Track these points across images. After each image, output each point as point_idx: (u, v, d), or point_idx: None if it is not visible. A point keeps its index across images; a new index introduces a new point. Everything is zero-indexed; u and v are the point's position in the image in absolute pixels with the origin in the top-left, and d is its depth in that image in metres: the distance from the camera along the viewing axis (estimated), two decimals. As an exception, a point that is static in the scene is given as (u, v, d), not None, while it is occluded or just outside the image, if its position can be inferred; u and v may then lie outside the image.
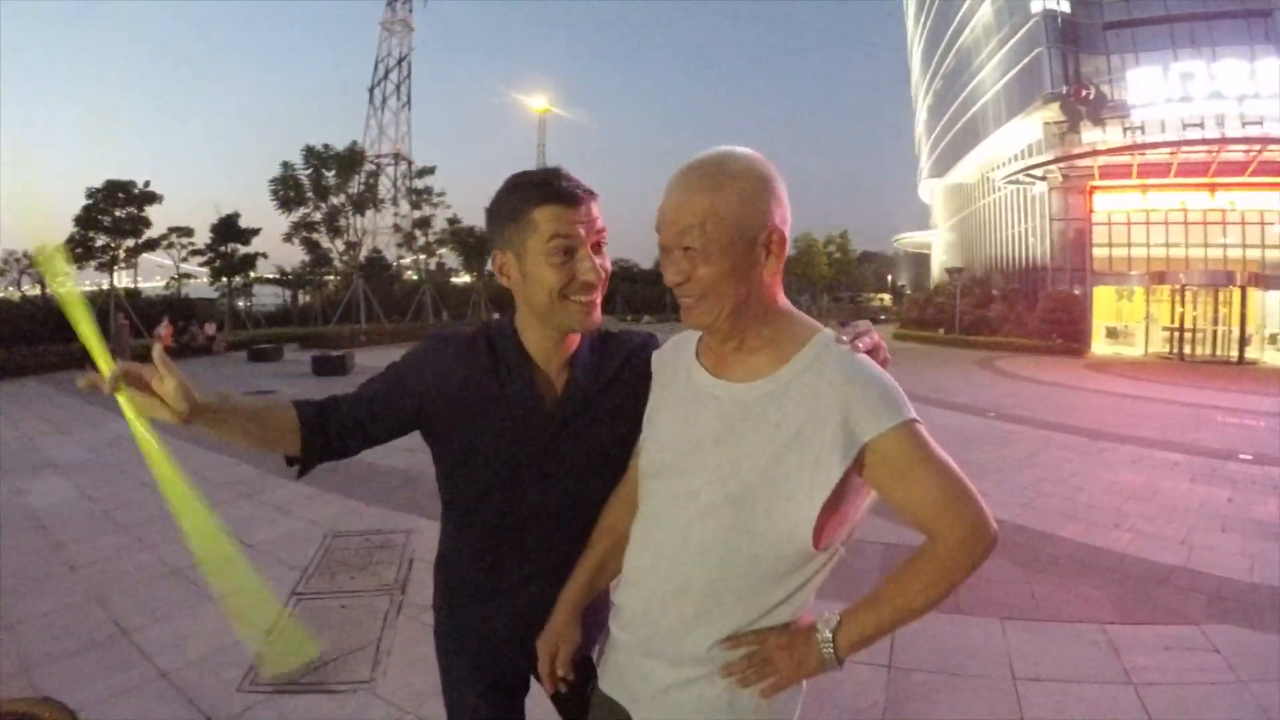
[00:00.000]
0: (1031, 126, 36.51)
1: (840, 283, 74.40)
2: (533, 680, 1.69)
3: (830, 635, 1.24)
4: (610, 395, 1.59)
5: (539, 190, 1.44)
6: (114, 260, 30.78)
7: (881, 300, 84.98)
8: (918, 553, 1.22)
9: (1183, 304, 28.82)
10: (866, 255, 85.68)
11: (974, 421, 11.53)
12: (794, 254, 69.12)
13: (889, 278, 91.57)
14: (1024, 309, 33.17)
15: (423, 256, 46.17)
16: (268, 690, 3.32)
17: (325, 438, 1.50)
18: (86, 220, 29.66)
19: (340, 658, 3.62)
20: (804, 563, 1.25)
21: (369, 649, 3.73)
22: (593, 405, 1.57)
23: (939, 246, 56.52)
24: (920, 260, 70.24)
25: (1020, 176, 35.09)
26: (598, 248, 1.49)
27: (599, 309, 1.51)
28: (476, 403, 1.54)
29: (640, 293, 61.60)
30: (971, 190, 46.34)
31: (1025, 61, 36.55)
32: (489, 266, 1.66)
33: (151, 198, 30.86)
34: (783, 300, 1.32)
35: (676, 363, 1.44)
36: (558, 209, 1.43)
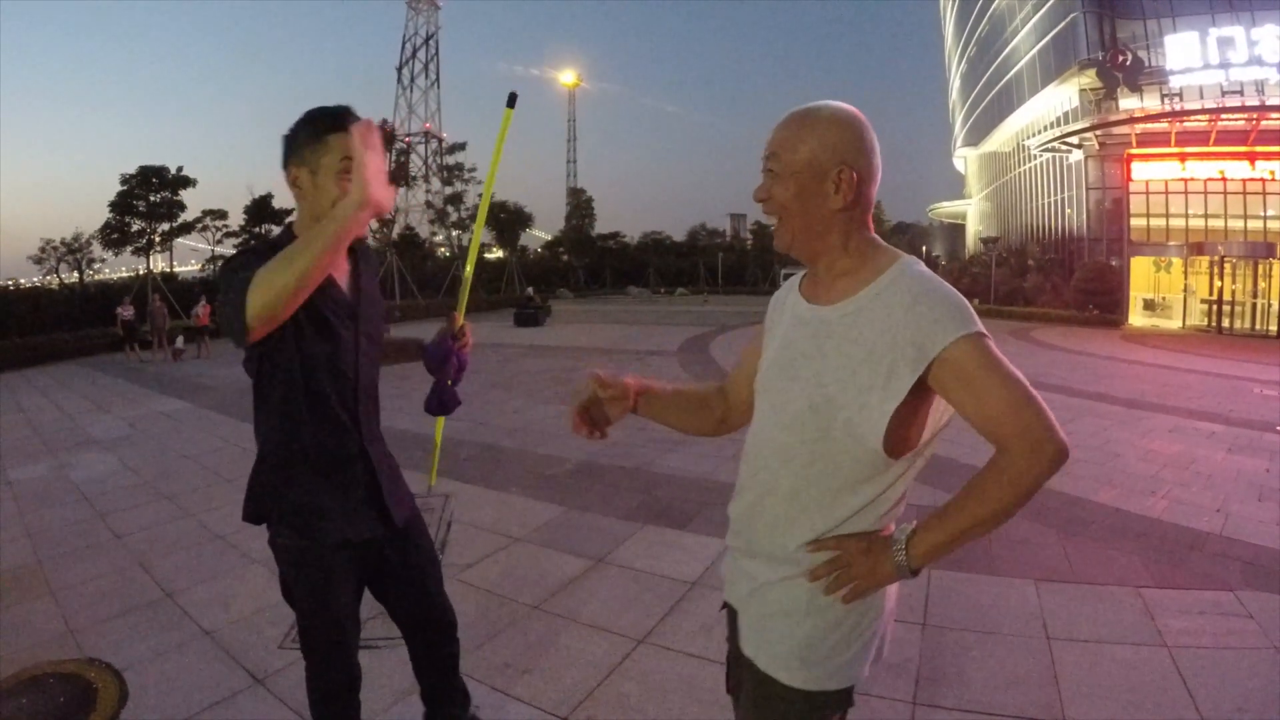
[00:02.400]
0: (1067, 93, 35.79)
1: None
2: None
3: (904, 543, 1.33)
4: (371, 283, 2.17)
5: (335, 120, 1.84)
6: (150, 244, 31.14)
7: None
8: (988, 463, 1.27)
9: (1221, 276, 28.19)
10: (901, 226, 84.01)
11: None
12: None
13: (923, 248, 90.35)
14: (1060, 279, 32.64)
15: (455, 233, 46.18)
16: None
17: None
18: (122, 206, 30.02)
19: (379, 616, 3.68)
20: (880, 470, 1.35)
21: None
22: (368, 290, 2.12)
23: (974, 216, 55.68)
24: (955, 231, 69.07)
25: (1056, 144, 34.42)
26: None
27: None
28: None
29: (673, 264, 61.29)
30: (1006, 159, 45.55)
31: (1060, 26, 35.74)
32: (520, 240, 1.99)
33: (185, 182, 31.13)
34: (867, 234, 1.44)
35: (785, 298, 1.60)
36: (348, 137, 1.78)
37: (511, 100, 2.20)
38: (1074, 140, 33.40)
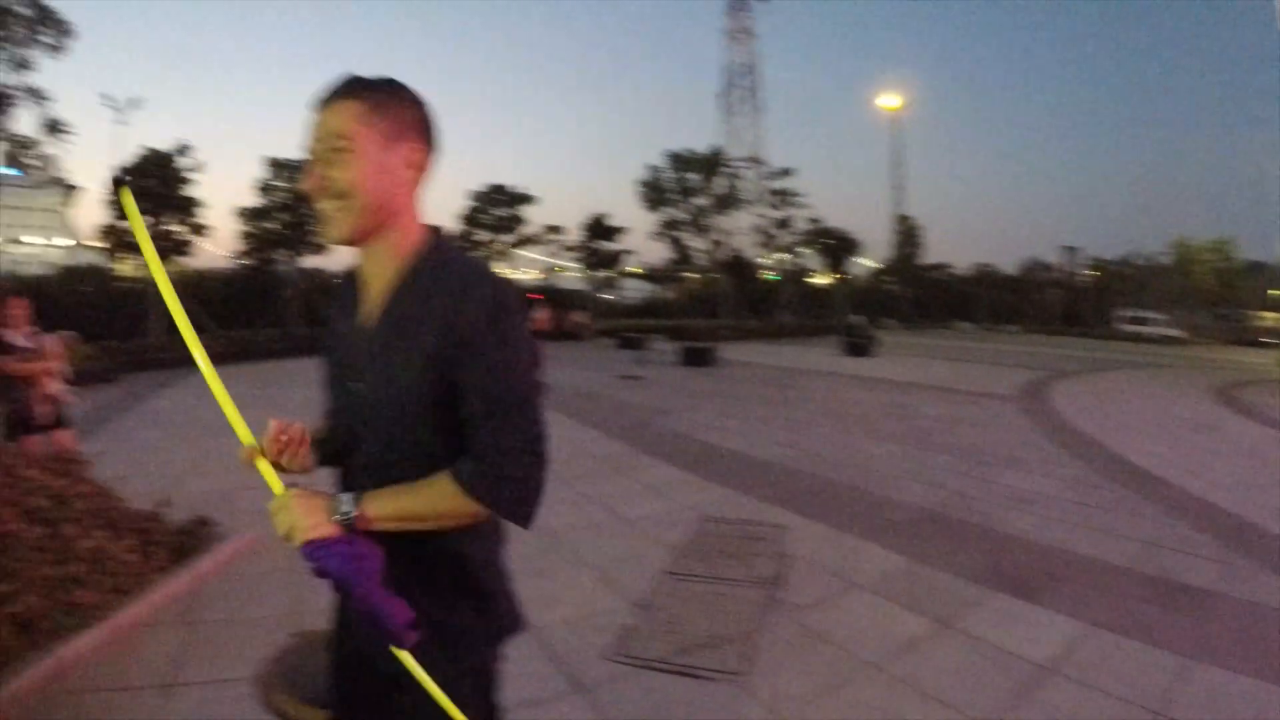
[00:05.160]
0: None
1: (1223, 298, 60.72)
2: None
3: None
4: (408, 328, 1.31)
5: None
6: (493, 254, 34.55)
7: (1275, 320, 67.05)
8: None
9: None
10: (1254, 265, 68.87)
11: None
12: (1167, 264, 59.08)
13: (1283, 293, 72.98)
14: None
15: (784, 256, 46.45)
16: (638, 663, 3.29)
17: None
18: (470, 219, 33.64)
19: (711, 643, 3.50)
20: None
21: (740, 640, 3.57)
22: (392, 335, 1.33)
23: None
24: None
25: None
26: (327, 158, 1.28)
27: (339, 222, 1.30)
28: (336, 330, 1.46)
29: (1004, 299, 56.75)
30: None
31: None
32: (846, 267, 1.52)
33: (525, 198, 34.37)
34: None
35: None
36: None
37: (118, 183, 1.52)
38: None
